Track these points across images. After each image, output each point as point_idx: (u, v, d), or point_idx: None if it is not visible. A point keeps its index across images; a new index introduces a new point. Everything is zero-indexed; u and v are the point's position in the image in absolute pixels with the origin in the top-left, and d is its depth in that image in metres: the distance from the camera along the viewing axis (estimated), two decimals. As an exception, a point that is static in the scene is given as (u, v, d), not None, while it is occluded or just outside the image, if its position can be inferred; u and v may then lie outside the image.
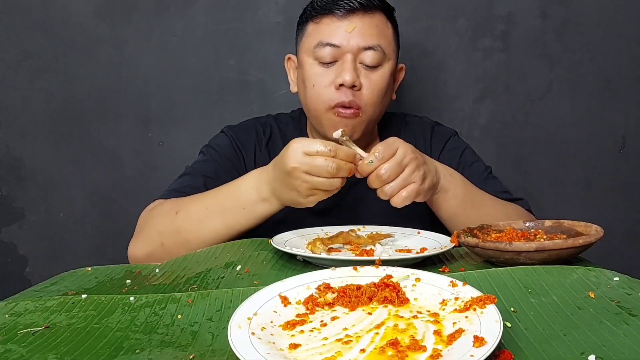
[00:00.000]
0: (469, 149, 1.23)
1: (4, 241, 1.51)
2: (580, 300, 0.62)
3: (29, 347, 0.57)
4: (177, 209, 1.02)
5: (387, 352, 0.49)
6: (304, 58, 1.12)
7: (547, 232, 0.88)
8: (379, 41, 1.08)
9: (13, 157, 1.48)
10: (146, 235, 1.03)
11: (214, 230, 0.98)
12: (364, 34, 1.07)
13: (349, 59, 1.06)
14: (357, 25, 1.07)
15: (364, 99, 1.08)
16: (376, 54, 1.07)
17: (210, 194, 1.01)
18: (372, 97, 1.09)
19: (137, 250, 1.03)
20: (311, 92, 1.10)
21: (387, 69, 1.10)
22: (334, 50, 1.07)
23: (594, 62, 1.49)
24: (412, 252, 0.87)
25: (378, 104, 1.11)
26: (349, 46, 1.07)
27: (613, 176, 1.52)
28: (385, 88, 1.11)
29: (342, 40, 1.07)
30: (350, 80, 1.05)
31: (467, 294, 0.58)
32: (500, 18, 1.47)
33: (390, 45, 1.11)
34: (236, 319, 0.54)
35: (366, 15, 1.08)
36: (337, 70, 1.08)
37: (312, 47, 1.09)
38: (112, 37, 1.45)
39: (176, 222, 1.00)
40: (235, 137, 1.21)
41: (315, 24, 1.10)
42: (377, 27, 1.09)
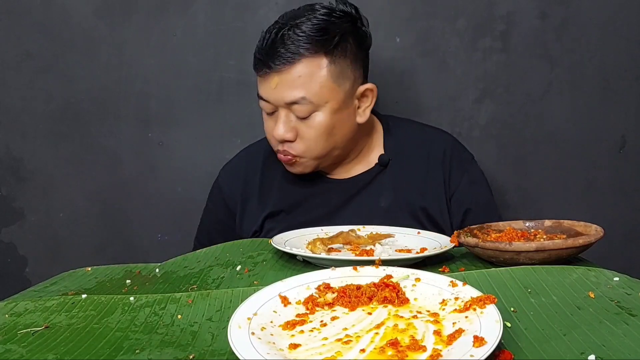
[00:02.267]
0: (484, 181, 1.21)
1: (4, 241, 1.51)
2: (580, 300, 0.62)
3: (29, 347, 0.57)
4: None
5: (387, 352, 0.49)
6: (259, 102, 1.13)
7: (547, 232, 0.88)
8: (303, 93, 1.04)
9: (13, 157, 1.48)
10: None
11: None
12: (284, 90, 1.05)
13: (282, 115, 1.07)
14: (277, 82, 1.05)
15: (298, 148, 1.09)
16: (303, 106, 1.05)
17: None
18: (308, 146, 1.09)
19: None
20: (265, 135, 1.15)
21: (326, 113, 1.06)
22: (268, 104, 1.08)
23: (594, 62, 1.48)
24: (412, 252, 0.87)
25: (317, 147, 1.09)
26: (277, 101, 1.07)
27: (613, 176, 1.52)
28: (325, 130, 1.08)
29: (270, 96, 1.07)
30: (279, 136, 1.07)
31: (467, 294, 0.58)
32: (500, 18, 1.46)
33: (324, 87, 1.05)
34: (236, 319, 0.54)
35: (284, 70, 1.04)
36: (274, 121, 1.09)
37: (257, 97, 1.11)
38: (112, 37, 1.45)
39: None
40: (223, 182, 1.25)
41: (257, 76, 1.11)
42: (301, 77, 1.04)
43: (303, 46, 1.04)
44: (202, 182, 1.38)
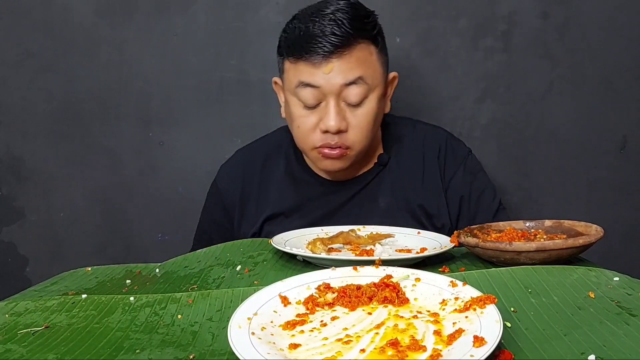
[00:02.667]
0: (481, 172, 1.19)
1: (4, 241, 1.51)
2: (580, 300, 0.62)
3: (29, 347, 0.57)
4: None
5: (387, 352, 0.49)
6: (288, 96, 1.08)
7: (547, 232, 0.88)
8: (362, 72, 1.02)
9: (13, 156, 1.49)
10: None
11: None
12: (344, 71, 1.01)
13: (332, 103, 1.02)
14: (335, 65, 1.01)
15: (351, 138, 1.05)
16: (359, 88, 1.02)
17: None
18: (361, 134, 1.06)
19: None
20: (297, 132, 1.08)
21: (374, 99, 1.06)
22: (315, 92, 1.02)
23: (595, 62, 1.48)
24: (412, 252, 0.87)
25: (367, 137, 1.08)
26: (330, 86, 1.01)
27: (614, 176, 1.52)
28: (374, 119, 1.07)
29: (322, 81, 1.01)
30: (335, 127, 1.02)
31: (467, 294, 0.58)
32: (501, 18, 1.46)
33: (376, 71, 1.06)
34: (236, 319, 0.54)
35: (344, 54, 1.01)
36: (321, 113, 1.04)
37: (294, 87, 1.05)
38: (112, 36, 1.45)
39: None
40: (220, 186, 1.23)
41: (292, 64, 1.05)
42: (358, 59, 1.02)
43: (356, 30, 1.01)
44: (202, 182, 1.38)
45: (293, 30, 1.05)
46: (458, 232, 0.87)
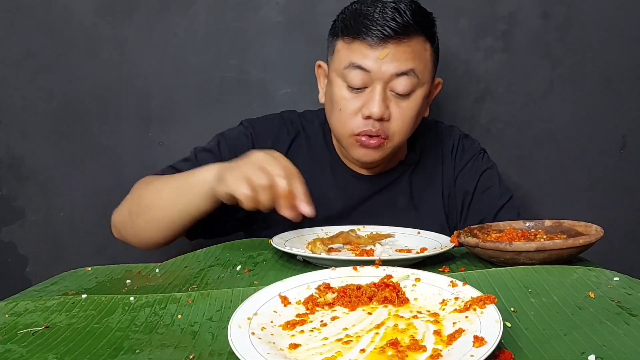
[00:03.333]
0: (490, 170, 1.18)
1: (4, 241, 1.51)
2: (580, 300, 0.62)
3: (29, 347, 0.57)
4: (152, 180, 1.04)
5: (387, 352, 0.49)
6: (333, 77, 1.06)
7: (547, 232, 0.88)
8: (415, 65, 1.02)
9: (13, 156, 1.48)
10: (123, 202, 1.07)
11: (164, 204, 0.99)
12: (398, 60, 1.00)
13: (379, 89, 1.01)
14: (391, 52, 1.00)
15: (392, 128, 1.04)
16: (409, 80, 1.01)
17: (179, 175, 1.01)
18: (402, 127, 1.04)
19: (114, 215, 1.08)
20: (337, 116, 1.06)
21: (420, 95, 1.04)
22: (364, 75, 1.01)
23: (596, 62, 1.48)
24: (412, 252, 0.87)
25: (407, 131, 1.06)
26: (380, 72, 1.00)
27: (614, 176, 1.52)
28: (417, 115, 1.06)
29: (373, 66, 1.00)
30: (378, 113, 1.00)
31: (467, 294, 0.58)
32: (501, 18, 1.46)
33: (426, 68, 1.05)
34: (236, 319, 0.54)
35: (401, 42, 1.00)
36: (365, 98, 1.02)
37: (342, 68, 1.03)
38: (113, 36, 1.45)
39: (143, 190, 1.03)
40: (253, 132, 1.16)
41: (346, 44, 1.04)
42: (413, 51, 1.02)
43: (416, 22, 1.01)
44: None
45: (353, 12, 1.04)
46: (458, 232, 0.87)
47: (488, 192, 1.16)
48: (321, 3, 1.46)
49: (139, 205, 1.02)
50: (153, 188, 1.02)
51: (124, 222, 1.06)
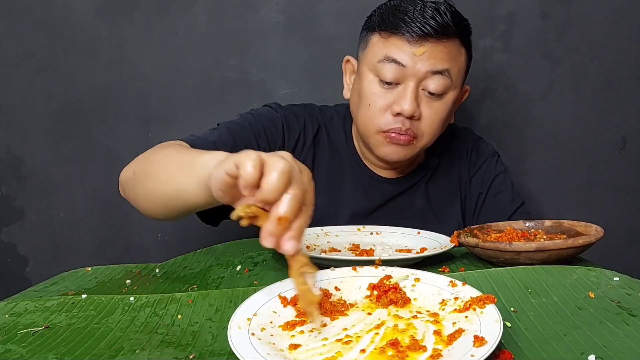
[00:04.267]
0: (503, 174, 1.18)
1: (4, 241, 1.51)
2: (580, 301, 0.62)
3: (29, 347, 0.57)
4: (164, 147, 0.92)
5: (388, 352, 0.49)
6: (364, 71, 1.05)
7: (547, 232, 0.88)
8: (450, 66, 1.01)
9: (13, 156, 1.49)
10: (132, 162, 0.96)
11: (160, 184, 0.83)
12: (434, 58, 1.00)
13: (411, 87, 1.00)
14: (428, 50, 0.99)
15: (422, 128, 1.03)
16: (443, 79, 1.01)
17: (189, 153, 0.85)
18: (432, 127, 1.03)
19: (122, 172, 0.96)
20: (365, 111, 1.04)
21: (451, 97, 1.04)
22: (398, 70, 1.00)
23: (595, 62, 1.48)
24: (412, 252, 0.87)
25: (436, 133, 1.05)
26: (415, 69, 0.99)
27: (613, 176, 1.52)
28: (446, 117, 1.05)
29: (409, 61, 0.99)
30: (410, 110, 0.99)
31: (467, 293, 0.58)
32: (501, 18, 1.46)
33: (460, 72, 1.05)
34: (236, 319, 0.54)
35: (439, 42, 1.00)
36: (397, 95, 1.01)
37: (376, 61, 1.02)
38: (112, 36, 1.45)
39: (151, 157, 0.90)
40: (284, 117, 1.12)
41: (383, 38, 1.02)
42: (450, 52, 1.01)
43: (455, 24, 1.01)
44: (202, 182, 1.38)
45: (392, 7, 1.03)
46: (458, 232, 0.87)
47: (500, 197, 1.16)
48: (321, 3, 1.46)
49: (143, 170, 0.90)
50: (160, 156, 0.89)
51: (127, 182, 0.94)
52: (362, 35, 1.09)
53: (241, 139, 1.04)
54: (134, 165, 0.94)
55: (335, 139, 1.16)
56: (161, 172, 0.84)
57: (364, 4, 1.15)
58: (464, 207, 1.18)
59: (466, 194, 1.18)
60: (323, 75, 1.46)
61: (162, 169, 0.85)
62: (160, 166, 0.86)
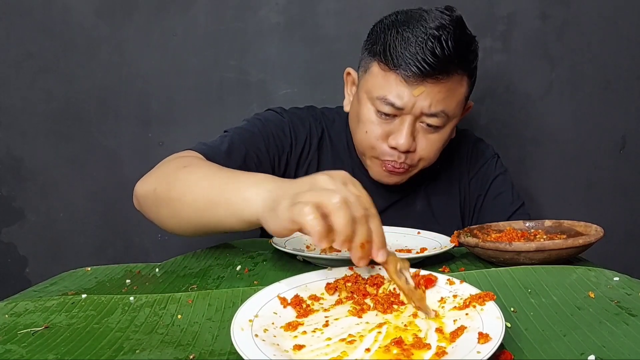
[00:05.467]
0: (503, 175, 1.18)
1: (4, 241, 1.51)
2: (580, 301, 0.62)
3: (29, 347, 0.57)
4: (186, 164, 0.90)
5: (392, 351, 0.49)
6: (362, 97, 1.04)
7: (547, 232, 0.88)
8: (445, 106, 0.99)
9: (13, 157, 1.49)
10: (151, 175, 0.94)
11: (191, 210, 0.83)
12: (431, 100, 0.98)
13: (408, 122, 0.99)
14: (426, 90, 0.97)
15: (417, 158, 1.03)
16: (440, 119, 1.00)
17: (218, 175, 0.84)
18: (428, 155, 1.04)
19: (138, 186, 0.94)
20: (362, 136, 1.04)
21: (449, 128, 1.04)
22: (395, 110, 0.99)
23: (595, 62, 1.48)
24: (412, 252, 0.87)
25: (433, 158, 1.06)
26: (412, 109, 0.98)
27: (613, 176, 1.52)
28: (444, 142, 1.05)
29: (407, 103, 0.98)
30: (405, 146, 0.99)
31: (466, 291, 0.58)
32: (500, 19, 1.47)
33: (460, 104, 1.03)
34: (238, 321, 0.54)
35: (439, 81, 0.97)
36: (393, 127, 1.00)
37: (374, 96, 1.00)
38: (112, 37, 1.45)
39: (177, 174, 0.88)
40: (291, 122, 1.11)
41: (382, 71, 1.00)
42: (449, 90, 0.99)
43: (457, 57, 0.97)
44: (202, 182, 1.38)
45: (395, 38, 0.98)
46: (458, 232, 0.87)
47: (500, 198, 1.16)
48: (321, 3, 1.46)
49: (168, 192, 0.87)
50: (185, 178, 0.86)
51: (147, 198, 0.91)
52: (363, 53, 1.06)
53: (252, 147, 1.05)
54: (154, 180, 0.91)
55: (337, 144, 1.16)
56: (192, 198, 0.83)
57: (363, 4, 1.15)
58: (463, 209, 1.18)
59: (465, 196, 1.18)
60: (323, 76, 1.46)
61: (192, 194, 0.83)
62: (189, 190, 0.84)
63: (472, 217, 1.17)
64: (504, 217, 1.12)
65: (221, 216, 0.78)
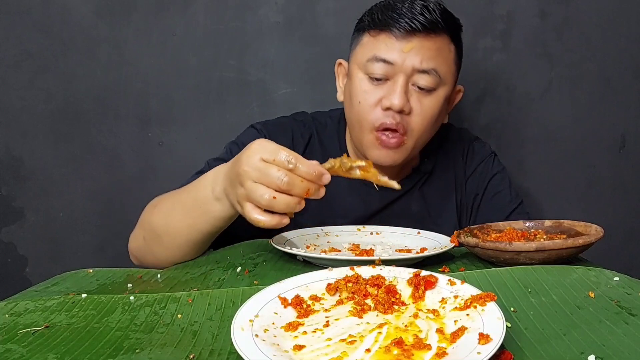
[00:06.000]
0: (500, 174, 1.17)
1: (4, 241, 1.51)
2: (580, 300, 0.62)
3: (29, 347, 0.57)
4: (156, 203, 0.99)
5: (393, 352, 0.49)
6: (354, 70, 1.05)
7: (547, 232, 0.88)
8: (437, 65, 1.01)
9: (13, 157, 1.48)
10: (136, 228, 1.01)
11: (179, 229, 0.91)
12: (422, 56, 0.99)
13: (401, 81, 0.99)
14: (416, 46, 0.99)
15: (412, 124, 1.02)
16: (431, 77, 1.00)
17: (180, 190, 0.95)
18: (422, 124, 1.02)
19: (130, 242, 1.02)
20: (356, 109, 1.04)
21: (442, 94, 1.03)
22: (387, 67, 1.00)
23: (594, 61, 1.49)
24: (412, 252, 0.87)
25: (427, 130, 1.04)
26: (404, 66, 0.99)
27: (613, 176, 1.52)
28: (437, 114, 1.04)
29: (397, 58, 0.99)
30: (399, 104, 0.98)
31: (466, 292, 0.58)
32: (500, 17, 1.47)
33: (449, 69, 1.04)
34: (238, 321, 0.54)
35: (428, 38, 1.00)
36: (386, 90, 1.01)
37: (365, 61, 1.02)
38: (111, 36, 1.45)
39: (152, 216, 0.96)
40: (269, 135, 1.11)
41: (372, 37, 1.03)
42: (438, 49, 1.01)
43: (444, 21, 1.01)
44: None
45: (382, 6, 1.04)
46: (458, 232, 0.87)
47: (498, 197, 1.15)
48: (320, 3, 1.46)
49: (152, 232, 0.95)
50: (161, 214, 0.95)
51: (140, 249, 0.99)
52: (353, 37, 1.10)
53: None
54: (139, 232, 1.00)
55: (329, 148, 1.15)
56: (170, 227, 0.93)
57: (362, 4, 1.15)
58: (460, 209, 1.17)
59: (462, 195, 1.17)
60: (322, 75, 1.46)
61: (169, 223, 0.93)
62: (166, 222, 0.94)
63: (470, 216, 1.17)
64: (503, 216, 1.12)
65: (204, 224, 0.89)
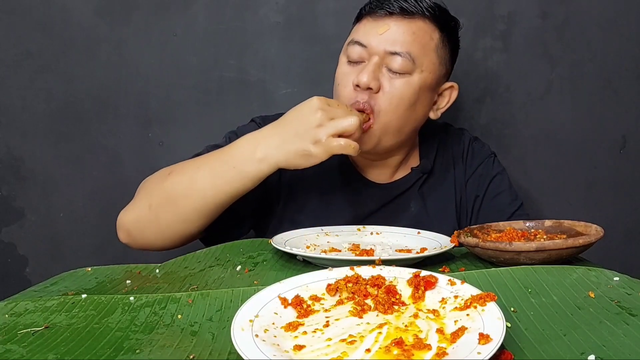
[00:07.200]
0: (500, 175, 1.17)
1: (4, 241, 1.51)
2: (580, 300, 0.62)
3: (29, 347, 0.57)
4: (170, 170, 0.99)
5: (393, 352, 0.49)
6: (340, 57, 1.08)
7: (547, 232, 0.88)
8: (410, 48, 1.01)
9: (13, 156, 1.48)
10: (136, 199, 1.00)
11: (202, 190, 0.94)
12: (395, 39, 1.01)
13: (373, 61, 1.01)
14: (391, 29, 1.01)
15: (380, 102, 1.01)
16: (404, 61, 1.00)
17: (205, 155, 0.99)
18: (390, 104, 1.01)
19: (125, 215, 1.00)
20: (335, 91, 1.07)
21: (417, 81, 1.02)
22: (362, 50, 1.02)
23: (595, 61, 1.48)
24: (412, 252, 0.87)
25: (396, 113, 1.02)
26: (376, 48, 1.01)
27: (613, 176, 1.52)
28: (410, 98, 1.02)
29: (371, 41, 1.02)
30: (366, 81, 0.99)
31: (467, 292, 0.58)
32: (500, 18, 1.47)
33: (427, 56, 1.03)
34: (238, 321, 0.54)
35: (404, 20, 1.02)
36: (360, 70, 1.02)
37: (346, 46, 1.07)
38: (112, 36, 1.45)
39: (166, 181, 0.97)
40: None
41: (358, 23, 1.08)
42: (414, 34, 1.02)
43: (427, 9, 1.03)
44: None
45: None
46: (458, 232, 0.87)
47: (498, 198, 1.15)
48: (320, 3, 1.46)
49: (165, 197, 0.96)
50: (181, 177, 0.96)
51: (140, 220, 0.98)
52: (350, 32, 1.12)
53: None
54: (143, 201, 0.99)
55: None
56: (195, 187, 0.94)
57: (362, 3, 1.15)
58: (459, 210, 1.16)
59: (462, 197, 1.16)
60: (322, 75, 1.46)
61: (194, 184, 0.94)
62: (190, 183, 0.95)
63: (470, 218, 1.16)
64: (503, 218, 1.11)
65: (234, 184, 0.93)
